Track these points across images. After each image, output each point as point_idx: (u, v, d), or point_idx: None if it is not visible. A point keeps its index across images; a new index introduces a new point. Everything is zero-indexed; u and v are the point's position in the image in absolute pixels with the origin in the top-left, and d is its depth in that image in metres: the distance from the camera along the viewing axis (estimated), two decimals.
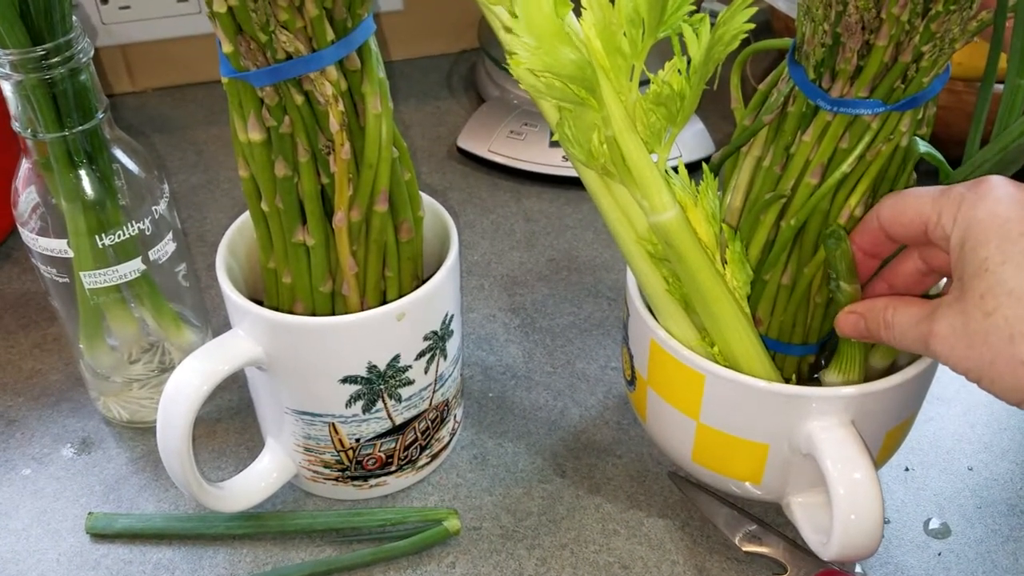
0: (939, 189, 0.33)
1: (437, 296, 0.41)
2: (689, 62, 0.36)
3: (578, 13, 0.34)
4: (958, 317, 0.31)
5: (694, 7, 0.34)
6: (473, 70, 0.80)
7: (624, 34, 0.34)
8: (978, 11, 0.35)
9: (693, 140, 0.67)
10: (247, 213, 0.42)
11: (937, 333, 0.32)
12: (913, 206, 0.34)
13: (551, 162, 0.67)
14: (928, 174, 0.40)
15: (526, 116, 0.69)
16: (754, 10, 0.34)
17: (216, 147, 0.72)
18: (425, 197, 0.44)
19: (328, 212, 0.39)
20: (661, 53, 0.36)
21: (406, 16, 0.80)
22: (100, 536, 0.44)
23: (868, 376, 0.40)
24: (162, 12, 0.74)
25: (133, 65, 0.77)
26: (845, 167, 0.37)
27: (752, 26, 0.34)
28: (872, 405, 0.38)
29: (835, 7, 0.35)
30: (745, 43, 0.42)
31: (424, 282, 0.41)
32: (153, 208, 0.44)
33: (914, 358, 0.39)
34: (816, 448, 0.37)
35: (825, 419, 0.37)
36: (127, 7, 0.73)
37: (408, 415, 0.43)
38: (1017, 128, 0.34)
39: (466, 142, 0.69)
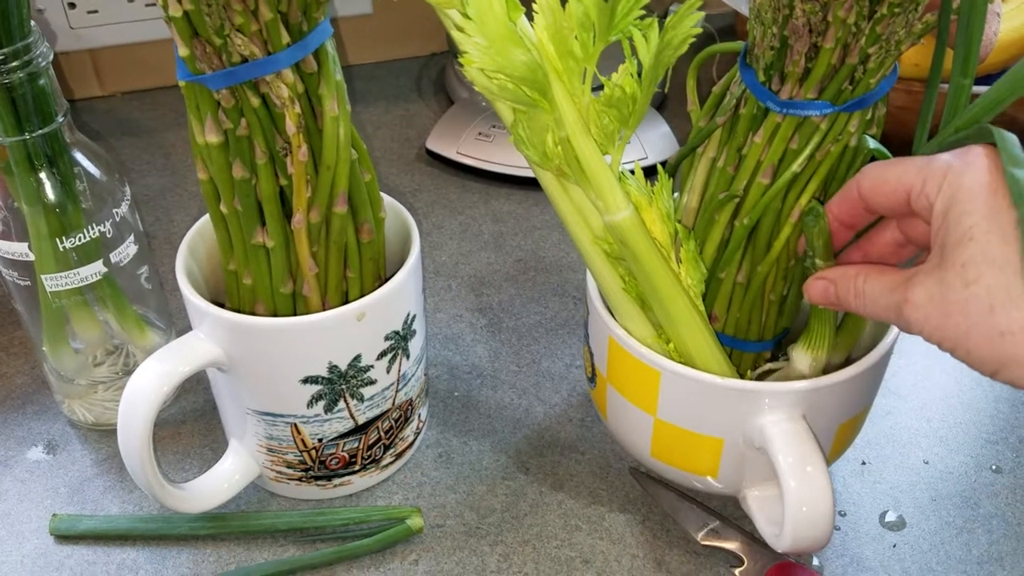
0: (924, 158, 0.32)
1: (398, 296, 0.42)
2: (640, 67, 0.36)
3: (531, 17, 0.35)
4: (936, 285, 0.30)
5: (644, 12, 0.34)
6: (442, 73, 0.81)
7: (576, 38, 0.34)
8: (923, 13, 0.36)
9: (659, 141, 0.68)
10: (208, 215, 0.42)
11: (912, 301, 0.31)
12: (896, 174, 0.33)
13: (519, 164, 0.67)
14: None
15: (494, 118, 0.70)
16: (700, 15, 0.35)
17: (184, 150, 0.72)
18: (387, 198, 0.45)
19: (287, 213, 0.39)
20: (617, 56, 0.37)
21: (375, 19, 0.81)
22: (64, 537, 0.45)
23: (822, 370, 0.41)
24: (130, 16, 0.74)
25: (101, 69, 0.77)
26: (795, 167, 0.38)
27: (699, 30, 0.35)
28: (823, 399, 0.39)
29: (782, 11, 0.36)
30: (703, 46, 0.43)
31: (387, 282, 0.41)
32: (114, 211, 0.45)
33: (867, 352, 0.40)
34: (768, 442, 0.38)
35: (777, 413, 0.38)
36: (95, 11, 0.73)
37: (371, 415, 0.43)
38: (950, 129, 0.35)
39: (435, 144, 0.70)
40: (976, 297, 0.29)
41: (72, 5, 0.72)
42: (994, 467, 0.48)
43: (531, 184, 0.68)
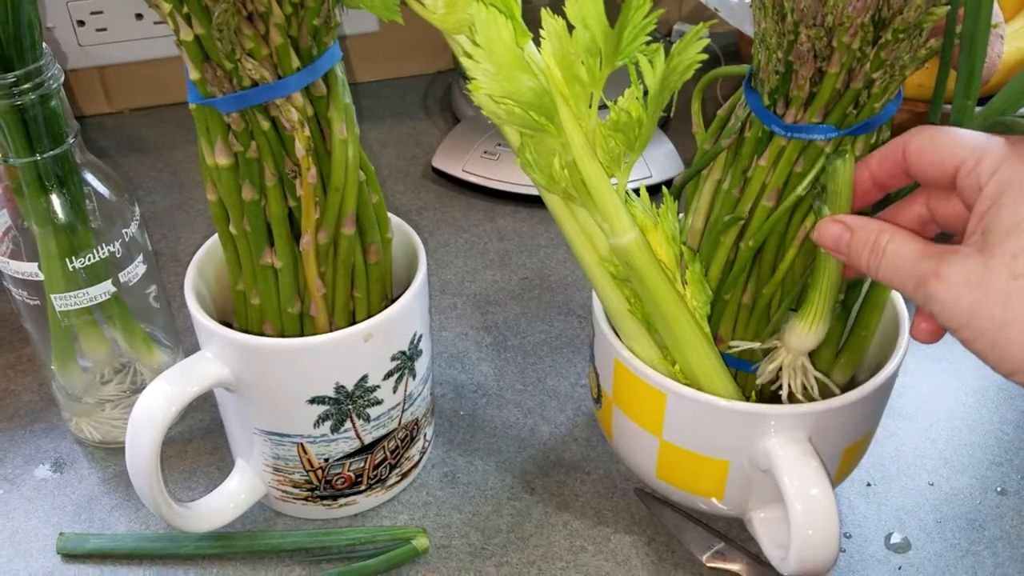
0: (982, 136, 0.31)
1: (405, 316, 0.42)
2: (646, 91, 0.37)
3: (538, 43, 0.35)
4: (977, 269, 0.29)
5: (649, 38, 0.35)
6: (449, 91, 0.81)
7: (582, 63, 0.35)
8: (927, 39, 0.36)
9: (663, 160, 0.69)
10: (216, 235, 0.42)
11: (945, 277, 0.29)
12: (949, 144, 0.31)
13: (524, 182, 0.67)
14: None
15: (500, 136, 0.70)
16: (706, 42, 0.35)
17: (192, 167, 0.72)
18: (394, 218, 0.45)
19: (296, 235, 0.40)
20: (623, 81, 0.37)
21: (382, 37, 0.81)
22: (71, 556, 0.45)
23: (826, 393, 0.41)
24: (139, 34, 0.74)
25: (110, 86, 0.77)
26: (800, 190, 0.38)
27: (705, 57, 0.35)
28: (829, 422, 0.39)
29: (787, 36, 0.36)
30: (709, 67, 0.43)
31: (393, 302, 0.42)
32: (124, 231, 0.45)
33: (872, 374, 0.40)
34: (774, 464, 0.38)
35: (783, 436, 0.38)
36: (104, 29, 0.73)
37: (377, 434, 0.43)
38: None
39: (441, 162, 0.70)
40: (1022, 291, 0.28)
41: (81, 23, 0.73)
42: (1000, 489, 0.48)
43: (537, 202, 0.68)
